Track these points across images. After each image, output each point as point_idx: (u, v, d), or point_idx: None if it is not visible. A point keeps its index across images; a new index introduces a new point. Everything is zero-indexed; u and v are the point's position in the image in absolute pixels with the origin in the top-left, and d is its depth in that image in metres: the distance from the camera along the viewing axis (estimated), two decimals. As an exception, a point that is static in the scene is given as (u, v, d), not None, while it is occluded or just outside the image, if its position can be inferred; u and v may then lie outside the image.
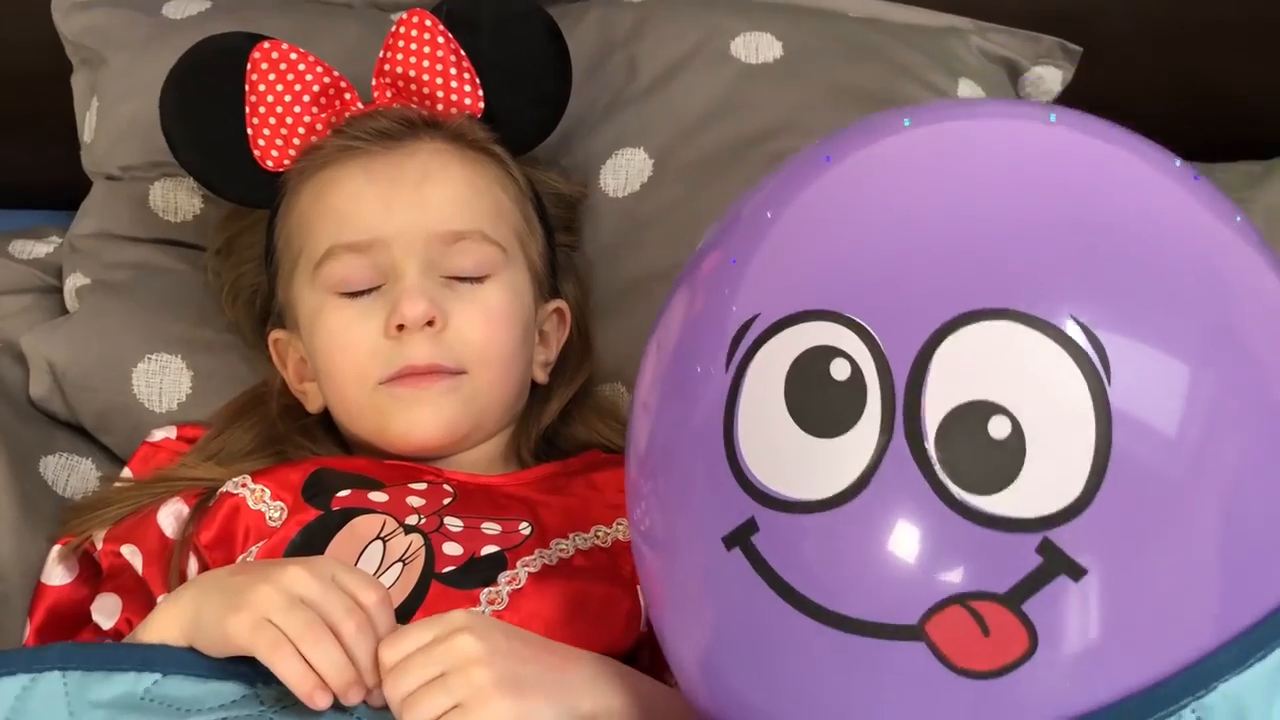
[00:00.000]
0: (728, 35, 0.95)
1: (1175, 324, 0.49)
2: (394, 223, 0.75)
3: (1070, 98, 1.05)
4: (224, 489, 0.74)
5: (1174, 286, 0.50)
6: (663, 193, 0.90)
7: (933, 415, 0.47)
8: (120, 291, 0.90)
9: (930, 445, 0.47)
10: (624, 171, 0.91)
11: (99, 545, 0.76)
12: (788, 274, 0.52)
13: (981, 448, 0.46)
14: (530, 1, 0.88)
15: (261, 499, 0.73)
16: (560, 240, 0.87)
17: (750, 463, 0.50)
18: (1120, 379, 0.47)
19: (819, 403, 0.48)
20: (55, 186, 1.07)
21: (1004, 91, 1.01)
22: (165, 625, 0.61)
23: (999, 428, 0.46)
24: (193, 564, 0.73)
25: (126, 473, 0.81)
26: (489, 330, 0.76)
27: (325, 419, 0.81)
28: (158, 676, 0.58)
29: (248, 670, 0.59)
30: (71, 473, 0.85)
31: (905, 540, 0.47)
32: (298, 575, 0.59)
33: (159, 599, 0.71)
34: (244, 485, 0.74)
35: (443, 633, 0.58)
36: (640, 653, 0.70)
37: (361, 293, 0.76)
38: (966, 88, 0.97)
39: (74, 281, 0.92)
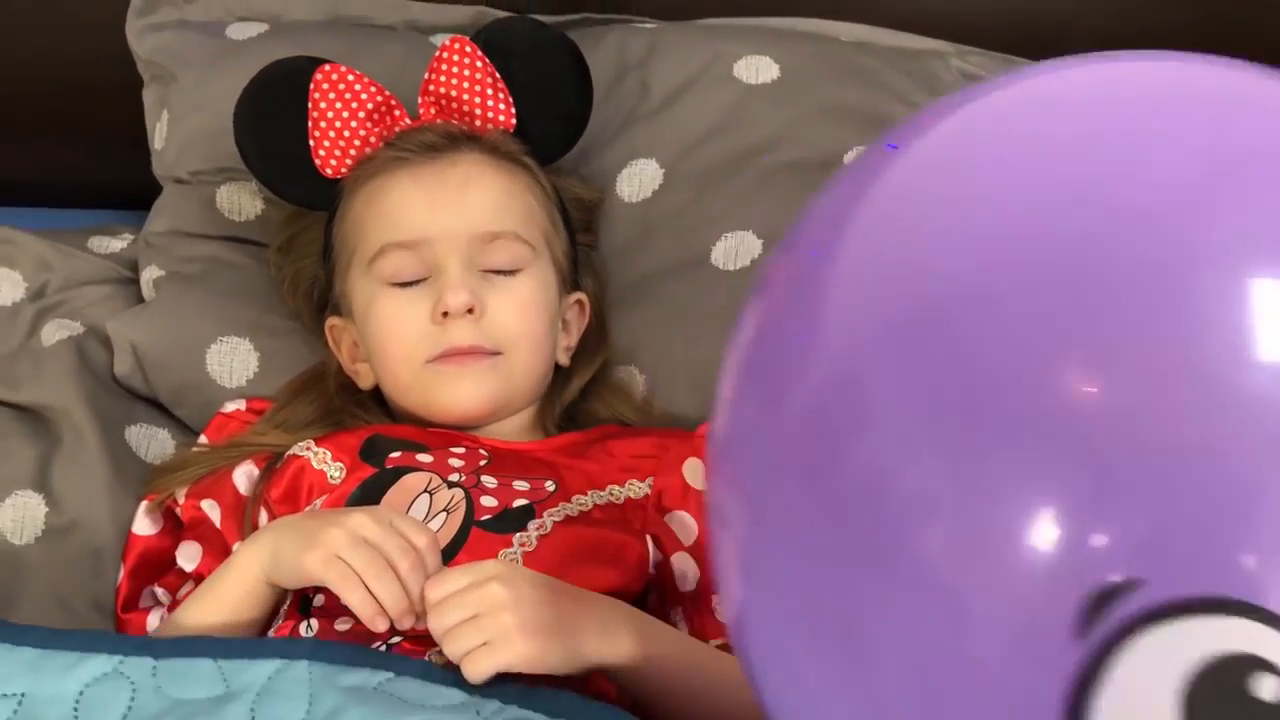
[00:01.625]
0: (731, 59, 1.04)
1: None
2: (439, 224, 0.86)
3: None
4: (290, 452, 0.84)
5: None
6: (671, 198, 0.99)
7: None
8: (193, 282, 0.99)
9: None
10: (637, 180, 1.01)
11: (180, 501, 0.86)
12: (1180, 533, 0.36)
13: None
14: (557, 31, 0.98)
15: (324, 460, 0.83)
16: (581, 240, 0.97)
17: None
18: None
19: None
20: (120, 188, 1.16)
21: (981, 109, 1.12)
22: (247, 563, 0.72)
23: None
24: (263, 516, 0.83)
25: (202, 439, 0.91)
26: (521, 316, 0.86)
27: (375, 394, 0.91)
28: (391, 675, 0.65)
29: (469, 686, 0.65)
30: (151, 440, 0.95)
31: None
32: (362, 520, 0.69)
33: (234, 546, 0.82)
34: (308, 449, 0.84)
35: (478, 579, 0.67)
36: (649, 594, 0.81)
37: (410, 284, 0.85)
38: (945, 106, 1.08)
39: (150, 273, 1.02)
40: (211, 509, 0.85)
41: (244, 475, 0.85)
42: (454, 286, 0.84)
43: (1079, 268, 0.40)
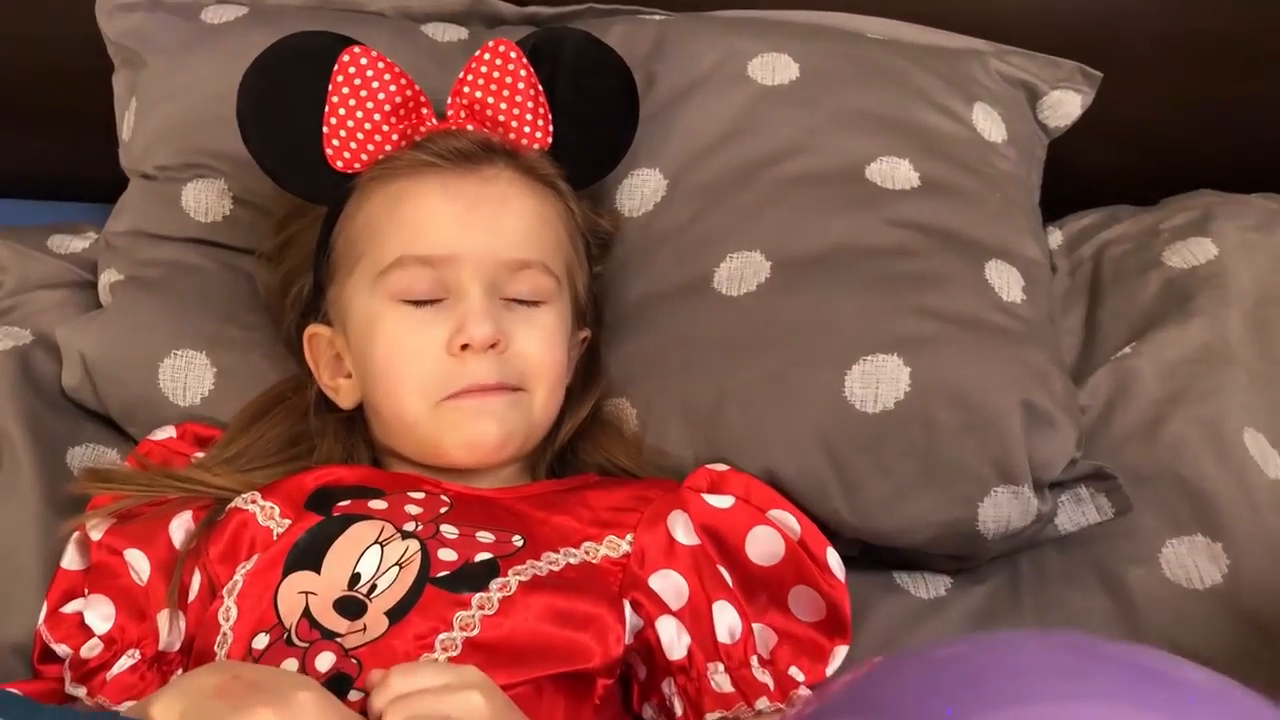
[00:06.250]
0: (745, 56, 0.96)
1: None
2: (468, 243, 0.77)
3: (1090, 122, 1.05)
4: (233, 504, 0.76)
5: None
6: (674, 213, 0.91)
7: None
8: (151, 288, 0.92)
9: None
10: (639, 192, 0.92)
11: (95, 536, 0.77)
12: None
13: None
14: (614, 54, 0.90)
15: (271, 515, 0.75)
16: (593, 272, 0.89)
17: None
18: None
19: None
20: (93, 180, 1.09)
21: (1021, 114, 1.02)
22: None
23: None
24: (196, 578, 0.74)
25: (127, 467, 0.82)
26: (546, 351, 0.79)
27: (350, 415, 0.82)
28: None
29: None
30: (97, 462, 0.87)
31: None
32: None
33: (158, 615, 0.73)
34: (254, 501, 0.76)
35: (455, 682, 0.60)
36: (636, 667, 0.73)
37: (423, 303, 0.78)
38: (981, 112, 0.98)
39: (108, 277, 0.95)
40: (139, 561, 0.76)
41: (180, 527, 0.76)
42: (477, 317, 0.76)
43: None
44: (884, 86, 0.96)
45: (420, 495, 0.75)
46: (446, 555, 0.71)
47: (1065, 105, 1.04)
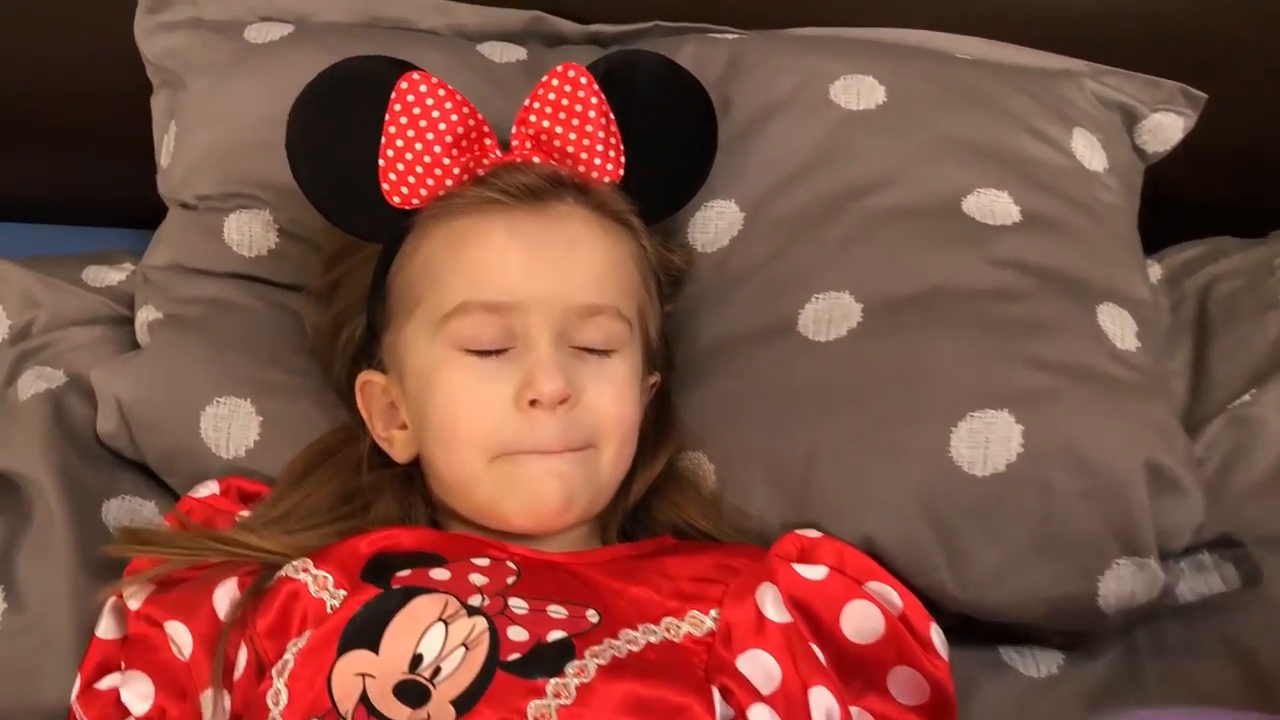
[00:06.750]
0: (827, 78, 0.89)
1: None
2: (535, 288, 0.72)
3: (1188, 146, 0.98)
4: (283, 573, 0.70)
5: None
6: (752, 248, 0.84)
7: None
8: (191, 328, 0.86)
9: None
10: (713, 226, 0.86)
11: (134, 605, 0.71)
12: None
13: None
14: (692, 80, 0.83)
15: (325, 586, 0.68)
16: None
17: None
18: None
19: None
20: (131, 204, 1.04)
21: (1120, 140, 0.95)
22: None
23: None
24: (242, 653, 0.68)
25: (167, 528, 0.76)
26: (618, 407, 0.73)
27: (407, 470, 0.76)
28: None
29: None
30: (134, 516, 0.81)
31: None
32: None
33: (202, 695, 0.68)
34: (305, 570, 0.69)
35: None
36: None
37: (487, 353, 0.72)
38: (1081, 138, 0.91)
39: (145, 314, 0.89)
40: (180, 634, 0.70)
41: (225, 595, 0.70)
42: (548, 371, 0.70)
43: None
44: (978, 111, 0.89)
45: (485, 562, 0.69)
46: (517, 635, 0.64)
47: (1165, 129, 0.97)
